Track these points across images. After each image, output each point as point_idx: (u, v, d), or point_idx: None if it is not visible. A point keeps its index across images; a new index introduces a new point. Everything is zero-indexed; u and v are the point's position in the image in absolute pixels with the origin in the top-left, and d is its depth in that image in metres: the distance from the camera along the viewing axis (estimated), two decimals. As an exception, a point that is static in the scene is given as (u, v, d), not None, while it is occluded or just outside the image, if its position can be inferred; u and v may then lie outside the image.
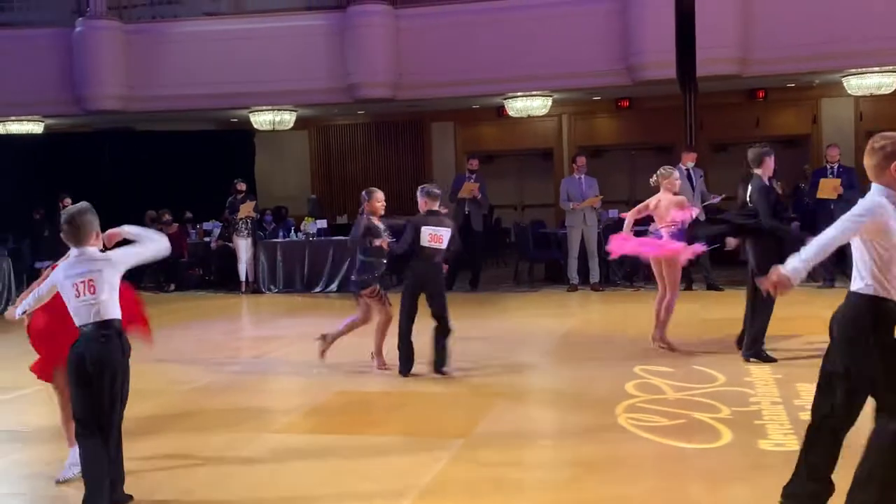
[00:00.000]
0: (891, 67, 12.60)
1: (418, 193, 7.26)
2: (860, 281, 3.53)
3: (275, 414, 6.38)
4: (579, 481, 4.60)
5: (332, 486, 4.64)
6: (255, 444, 5.45)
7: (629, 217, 8.11)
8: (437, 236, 7.01)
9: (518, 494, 4.46)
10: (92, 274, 4.13)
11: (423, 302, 7.13)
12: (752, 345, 7.00)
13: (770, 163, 7.13)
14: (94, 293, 4.12)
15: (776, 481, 3.86)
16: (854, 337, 3.53)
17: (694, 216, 7.90)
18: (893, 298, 3.48)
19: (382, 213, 7.37)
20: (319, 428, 5.88)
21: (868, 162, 3.58)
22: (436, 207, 7.15)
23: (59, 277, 4.23)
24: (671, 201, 7.74)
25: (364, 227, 7.22)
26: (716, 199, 11.39)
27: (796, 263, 3.51)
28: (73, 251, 4.24)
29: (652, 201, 7.88)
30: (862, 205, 3.52)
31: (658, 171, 8.01)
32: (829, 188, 11.32)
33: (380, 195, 7.36)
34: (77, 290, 4.13)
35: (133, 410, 4.47)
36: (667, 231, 7.70)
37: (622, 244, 7.88)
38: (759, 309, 6.95)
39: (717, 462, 4.78)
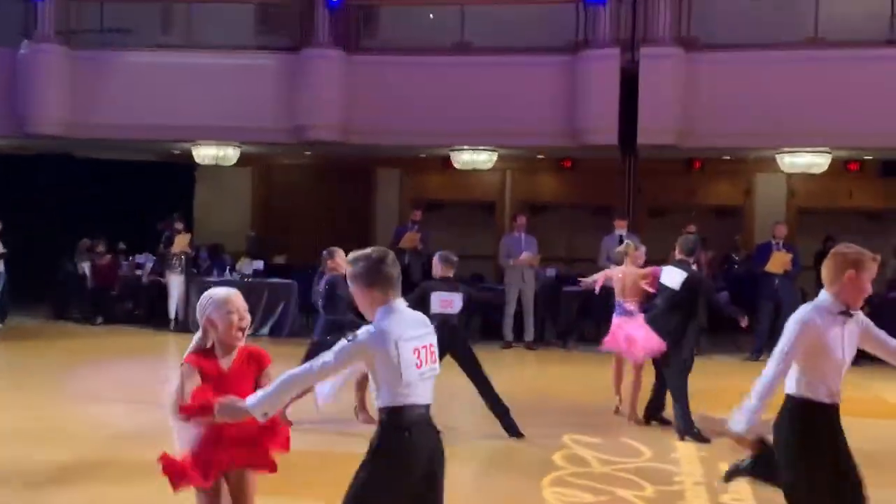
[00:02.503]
0: (823, 149, 13.10)
1: (435, 258, 7.45)
2: None
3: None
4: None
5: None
6: (175, 499, 5.30)
7: (599, 281, 8.19)
8: (447, 301, 7.17)
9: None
10: (430, 338, 3.26)
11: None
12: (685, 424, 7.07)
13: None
14: (434, 363, 3.27)
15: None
16: None
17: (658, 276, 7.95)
18: None
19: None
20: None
21: None
22: (451, 275, 7.31)
23: (387, 337, 3.13)
24: (637, 275, 7.84)
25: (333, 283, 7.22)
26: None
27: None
28: (396, 303, 3.26)
29: (616, 273, 7.99)
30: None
31: (625, 244, 8.24)
32: (779, 262, 11.60)
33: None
34: (419, 356, 3.18)
35: (47, 455, 4.28)
36: (634, 305, 7.80)
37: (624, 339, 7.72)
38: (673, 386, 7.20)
39: (637, 543, 4.82)
